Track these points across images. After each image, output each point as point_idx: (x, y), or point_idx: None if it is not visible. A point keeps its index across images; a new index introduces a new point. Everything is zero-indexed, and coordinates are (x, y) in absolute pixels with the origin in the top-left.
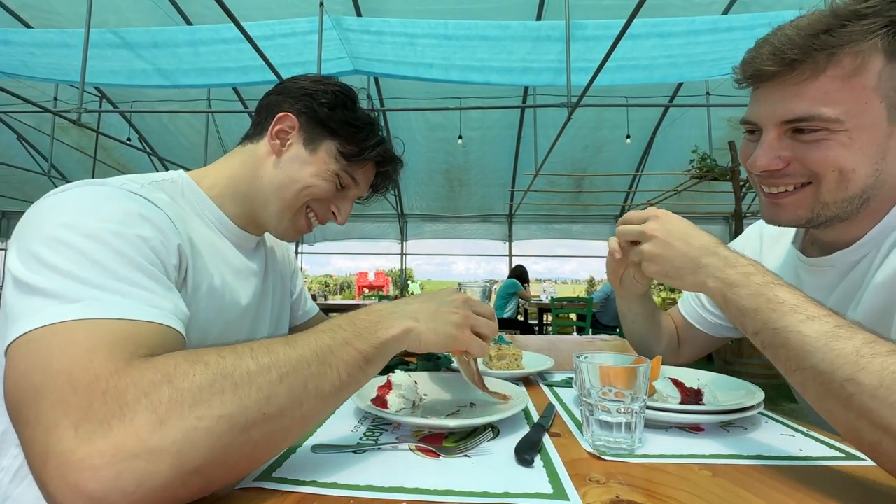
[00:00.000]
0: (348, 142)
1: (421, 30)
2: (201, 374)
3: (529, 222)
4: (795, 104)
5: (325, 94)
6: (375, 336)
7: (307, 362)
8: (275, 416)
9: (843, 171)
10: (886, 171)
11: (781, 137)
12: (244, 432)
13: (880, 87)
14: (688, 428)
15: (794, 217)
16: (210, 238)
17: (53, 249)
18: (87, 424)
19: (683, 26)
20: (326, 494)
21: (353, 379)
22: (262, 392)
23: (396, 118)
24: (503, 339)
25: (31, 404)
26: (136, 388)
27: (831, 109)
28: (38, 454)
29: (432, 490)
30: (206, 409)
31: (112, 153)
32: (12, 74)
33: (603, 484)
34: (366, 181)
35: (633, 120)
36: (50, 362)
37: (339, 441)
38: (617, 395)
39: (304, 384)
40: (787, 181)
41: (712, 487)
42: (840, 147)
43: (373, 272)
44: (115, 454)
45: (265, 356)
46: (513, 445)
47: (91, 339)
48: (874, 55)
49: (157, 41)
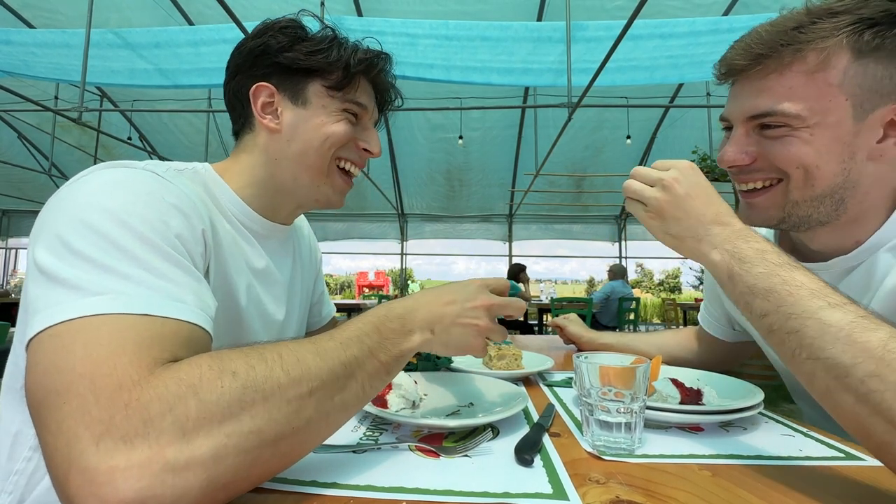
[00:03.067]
0: (328, 71)
1: (422, 30)
2: (230, 386)
3: (529, 222)
4: (760, 100)
5: (276, 39)
6: (398, 347)
7: (336, 376)
8: (302, 429)
9: (806, 168)
10: (857, 171)
11: (749, 133)
12: (273, 446)
13: (845, 84)
14: (687, 428)
15: (767, 217)
16: (232, 235)
17: (80, 234)
18: (110, 440)
19: (684, 27)
20: (326, 494)
21: (374, 389)
22: (291, 406)
23: (397, 118)
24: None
25: (52, 409)
26: (160, 402)
27: (793, 105)
28: (61, 464)
29: (432, 490)
30: (237, 424)
31: (113, 152)
32: (14, 73)
33: (603, 484)
34: (370, 99)
35: (633, 120)
36: (73, 364)
37: (338, 441)
38: (617, 395)
39: (331, 397)
40: (755, 177)
41: (712, 487)
42: (801, 144)
43: (373, 272)
44: (141, 472)
45: (296, 368)
46: (513, 445)
47: (115, 341)
48: (840, 52)
49: (158, 41)
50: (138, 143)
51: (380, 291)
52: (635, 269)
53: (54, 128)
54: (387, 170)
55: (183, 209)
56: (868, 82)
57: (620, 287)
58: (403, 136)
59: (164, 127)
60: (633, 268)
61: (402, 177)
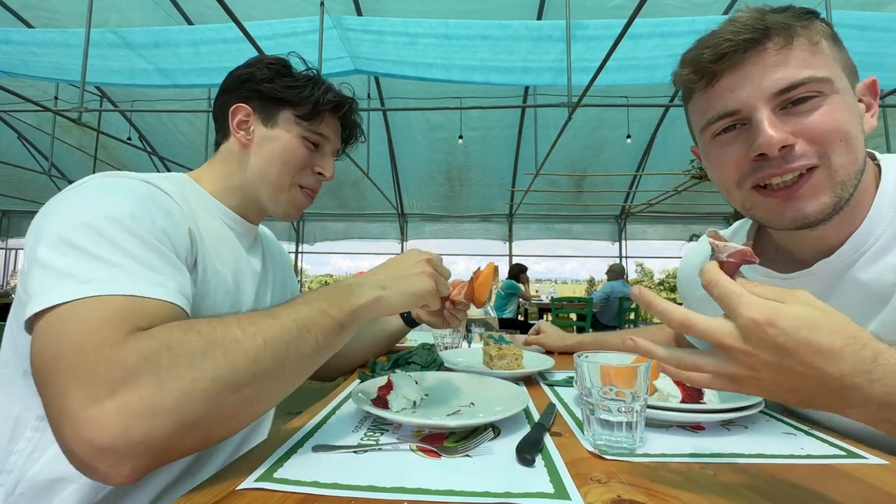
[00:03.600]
0: (299, 104)
1: (422, 29)
2: (195, 341)
3: (529, 222)
4: (783, 72)
5: (262, 71)
6: (348, 304)
7: (287, 329)
8: (262, 376)
9: (847, 137)
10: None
11: (777, 115)
12: (236, 391)
13: (835, 57)
14: (689, 427)
15: (821, 204)
16: (215, 227)
17: (76, 230)
18: (93, 387)
19: (684, 26)
20: (328, 495)
21: (329, 343)
22: (248, 356)
23: (397, 118)
24: (503, 339)
25: (49, 372)
26: (136, 354)
27: (818, 71)
28: (55, 415)
29: (433, 490)
30: (201, 371)
31: (113, 152)
32: (13, 73)
33: (604, 483)
34: (333, 133)
35: (633, 120)
36: (64, 335)
37: (339, 441)
38: (618, 394)
39: (285, 348)
40: (800, 163)
41: (713, 486)
42: (838, 110)
43: None
44: (120, 412)
45: (250, 325)
46: (514, 445)
47: (99, 314)
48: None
49: (157, 41)
50: (138, 144)
51: None
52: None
53: (54, 128)
54: (387, 170)
55: (169, 210)
56: (844, 59)
57: (620, 287)
58: (403, 136)
59: (164, 127)
60: (633, 267)
61: (402, 177)
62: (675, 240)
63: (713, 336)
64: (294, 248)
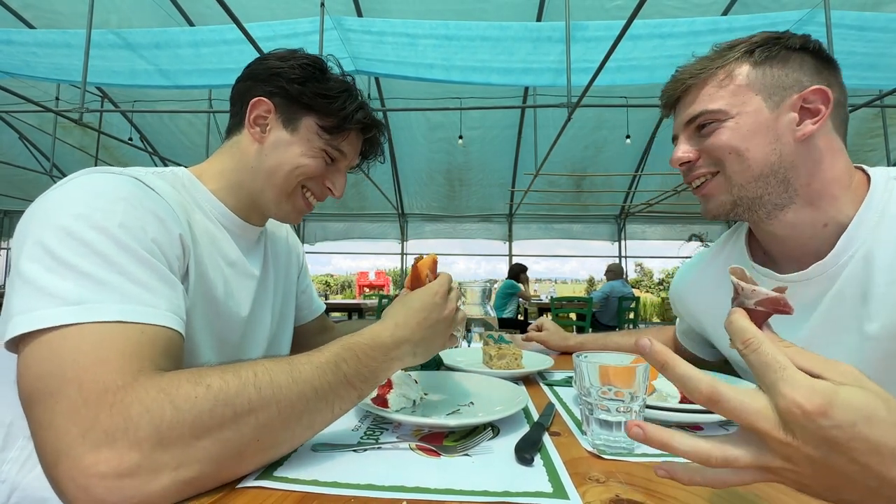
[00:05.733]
0: (326, 114)
1: (422, 30)
2: (203, 399)
3: (529, 222)
4: (690, 108)
5: (294, 70)
6: (375, 376)
7: (307, 399)
8: (268, 444)
9: (737, 151)
10: (790, 152)
11: (690, 137)
12: (237, 455)
13: (752, 84)
14: (687, 427)
15: (720, 203)
16: (209, 229)
17: (60, 240)
18: (94, 434)
19: (683, 27)
20: (327, 493)
21: (343, 412)
22: (259, 423)
23: (397, 118)
24: (503, 339)
25: (44, 408)
26: (140, 405)
27: (715, 103)
28: (50, 455)
29: (433, 489)
30: (205, 432)
31: (114, 153)
32: (14, 74)
33: (603, 483)
34: (353, 150)
35: (633, 120)
36: (63, 370)
37: (339, 440)
38: (616, 394)
39: (299, 418)
40: (700, 172)
41: None
42: (729, 132)
43: (373, 272)
44: (119, 464)
45: (268, 388)
46: (513, 444)
47: (100, 349)
48: (740, 65)
49: (158, 42)
50: (139, 144)
51: (380, 291)
52: (635, 268)
53: (55, 128)
54: (387, 170)
55: (160, 215)
56: (769, 80)
57: (620, 286)
58: (403, 136)
59: (165, 128)
60: (632, 267)
61: (402, 177)
62: (675, 240)
63: (745, 417)
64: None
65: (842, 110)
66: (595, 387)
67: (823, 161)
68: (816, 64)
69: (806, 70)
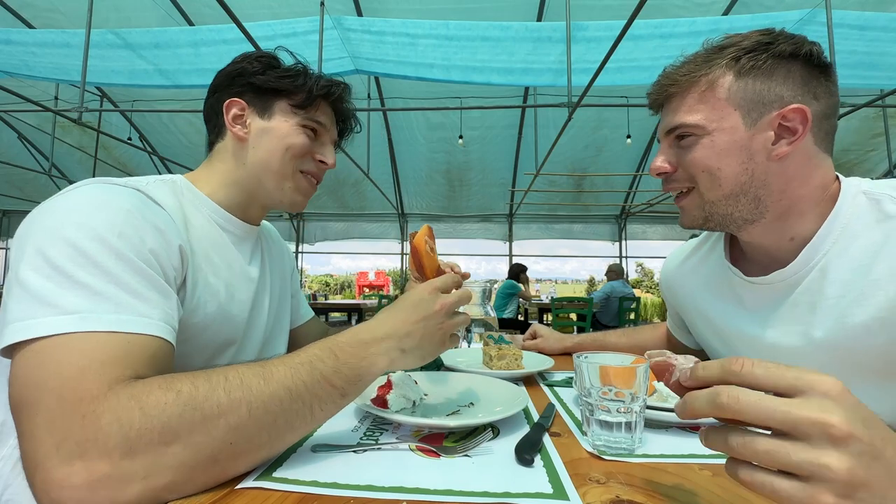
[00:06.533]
0: (294, 92)
1: (422, 30)
2: (172, 404)
3: (530, 222)
4: (670, 118)
5: (253, 65)
6: (356, 373)
7: (279, 399)
8: (243, 447)
9: (709, 170)
10: (763, 171)
11: (672, 146)
12: (211, 460)
13: (731, 98)
14: (688, 428)
15: (693, 217)
16: (211, 233)
17: (59, 249)
18: (66, 445)
19: (684, 27)
20: (327, 494)
21: (327, 412)
22: (229, 425)
23: (397, 118)
24: (503, 339)
25: (25, 418)
26: (110, 413)
27: (692, 117)
28: (29, 465)
29: (432, 490)
30: (174, 438)
31: (113, 152)
32: (14, 74)
33: (603, 484)
34: (330, 120)
35: (633, 120)
36: (45, 379)
37: (339, 441)
38: (617, 394)
39: (273, 420)
40: (676, 185)
41: (712, 487)
42: (703, 149)
43: (373, 272)
44: (90, 475)
45: (237, 390)
46: (513, 445)
47: (83, 359)
48: (724, 75)
49: (158, 42)
50: (138, 144)
51: (380, 291)
52: (635, 268)
53: (54, 128)
54: (387, 170)
55: (160, 226)
56: (750, 95)
57: (620, 287)
58: (403, 136)
59: (165, 127)
60: (633, 267)
61: (402, 177)
62: (675, 240)
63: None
64: (294, 248)
65: (826, 122)
66: (595, 387)
67: (796, 179)
68: (805, 74)
69: (791, 83)
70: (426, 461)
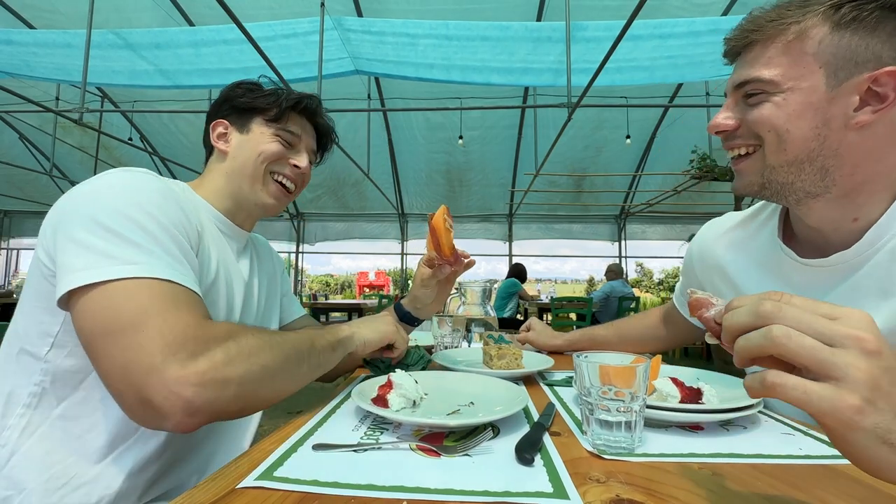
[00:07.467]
0: (267, 109)
1: (422, 30)
2: (253, 338)
3: (529, 222)
4: (743, 70)
5: (236, 91)
6: (335, 335)
7: (302, 341)
8: (291, 368)
9: (777, 131)
10: (836, 139)
11: (737, 102)
12: (272, 378)
13: (820, 53)
14: (688, 427)
15: (749, 182)
16: (212, 230)
17: (112, 217)
18: (183, 353)
19: (683, 27)
20: (327, 494)
21: (326, 357)
22: (282, 354)
23: (397, 118)
24: (503, 339)
25: (128, 335)
26: (214, 337)
27: (768, 71)
28: (138, 373)
29: (433, 489)
30: (257, 358)
31: (114, 153)
32: (14, 74)
33: (603, 483)
34: (303, 131)
35: (633, 120)
36: (145, 307)
37: (339, 440)
38: (617, 394)
39: (301, 355)
40: (738, 143)
41: (712, 486)
42: (774, 108)
43: (373, 272)
44: (203, 376)
45: (281, 338)
46: (513, 444)
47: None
48: (818, 24)
49: (158, 42)
50: (139, 144)
51: (380, 291)
52: (635, 268)
53: (55, 129)
54: (387, 170)
55: (183, 206)
56: (843, 52)
57: (620, 286)
58: (403, 136)
59: (165, 128)
60: (633, 267)
61: (402, 177)
62: (675, 240)
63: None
64: (294, 248)
65: None
66: (595, 387)
67: (874, 153)
68: None
69: (894, 42)
70: (426, 460)
